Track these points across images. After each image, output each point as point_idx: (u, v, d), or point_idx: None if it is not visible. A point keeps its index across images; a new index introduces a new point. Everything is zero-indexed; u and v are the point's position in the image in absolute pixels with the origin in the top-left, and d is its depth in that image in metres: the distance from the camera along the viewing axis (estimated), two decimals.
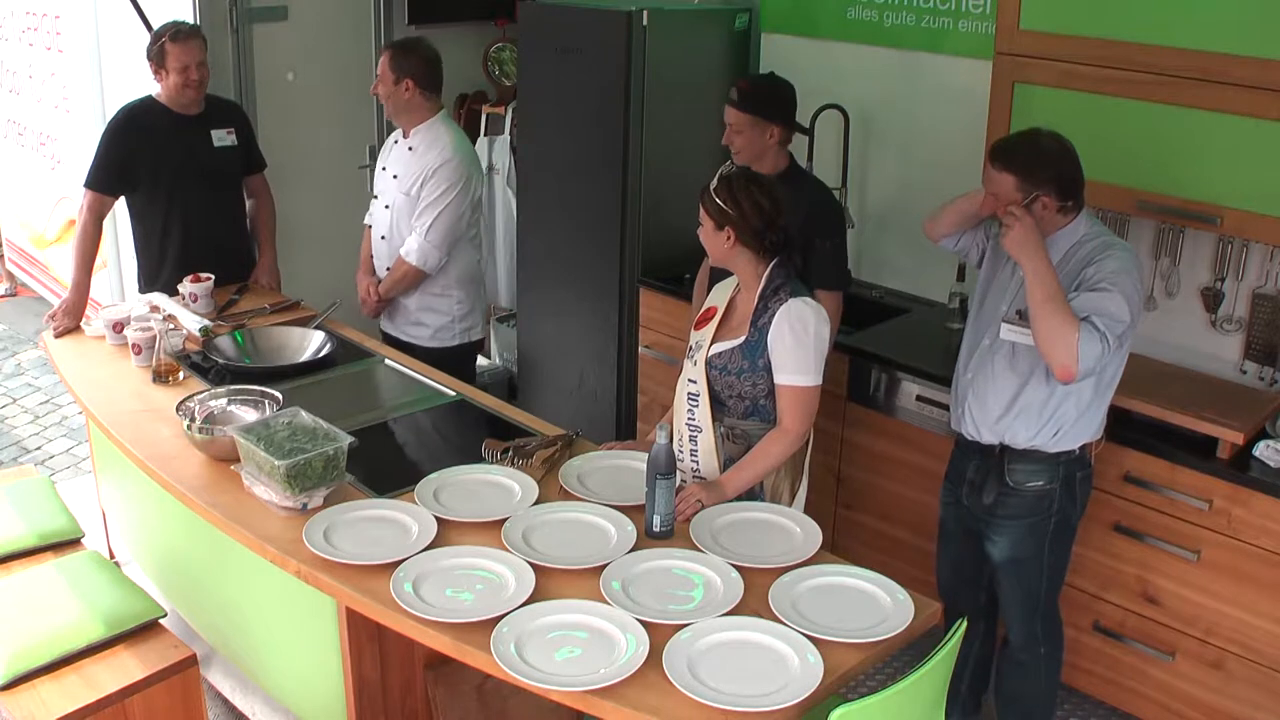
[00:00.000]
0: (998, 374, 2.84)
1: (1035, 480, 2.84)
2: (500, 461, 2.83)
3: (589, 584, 2.34)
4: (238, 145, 4.00)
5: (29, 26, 5.72)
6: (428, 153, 3.79)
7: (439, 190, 3.76)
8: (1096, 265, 2.66)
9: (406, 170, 3.83)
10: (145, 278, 4.07)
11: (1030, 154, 2.69)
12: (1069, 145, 2.72)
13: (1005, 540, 2.90)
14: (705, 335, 2.86)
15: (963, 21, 3.75)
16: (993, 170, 2.73)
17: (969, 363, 2.94)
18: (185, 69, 3.80)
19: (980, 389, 2.88)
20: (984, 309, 2.93)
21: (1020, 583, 2.94)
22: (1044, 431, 2.80)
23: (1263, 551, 2.89)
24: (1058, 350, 2.57)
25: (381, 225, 3.95)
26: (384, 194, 3.94)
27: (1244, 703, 3.02)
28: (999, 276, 2.90)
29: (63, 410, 5.34)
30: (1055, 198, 2.69)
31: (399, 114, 3.84)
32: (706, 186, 2.76)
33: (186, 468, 2.83)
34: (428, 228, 3.78)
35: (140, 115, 3.90)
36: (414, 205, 3.81)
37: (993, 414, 2.85)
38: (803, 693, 2.04)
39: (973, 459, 2.94)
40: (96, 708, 2.67)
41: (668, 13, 4.13)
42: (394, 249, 3.90)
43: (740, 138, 3.30)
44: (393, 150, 3.95)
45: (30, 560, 3.17)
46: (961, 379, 2.96)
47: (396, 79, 3.75)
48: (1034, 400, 2.78)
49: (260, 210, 4.23)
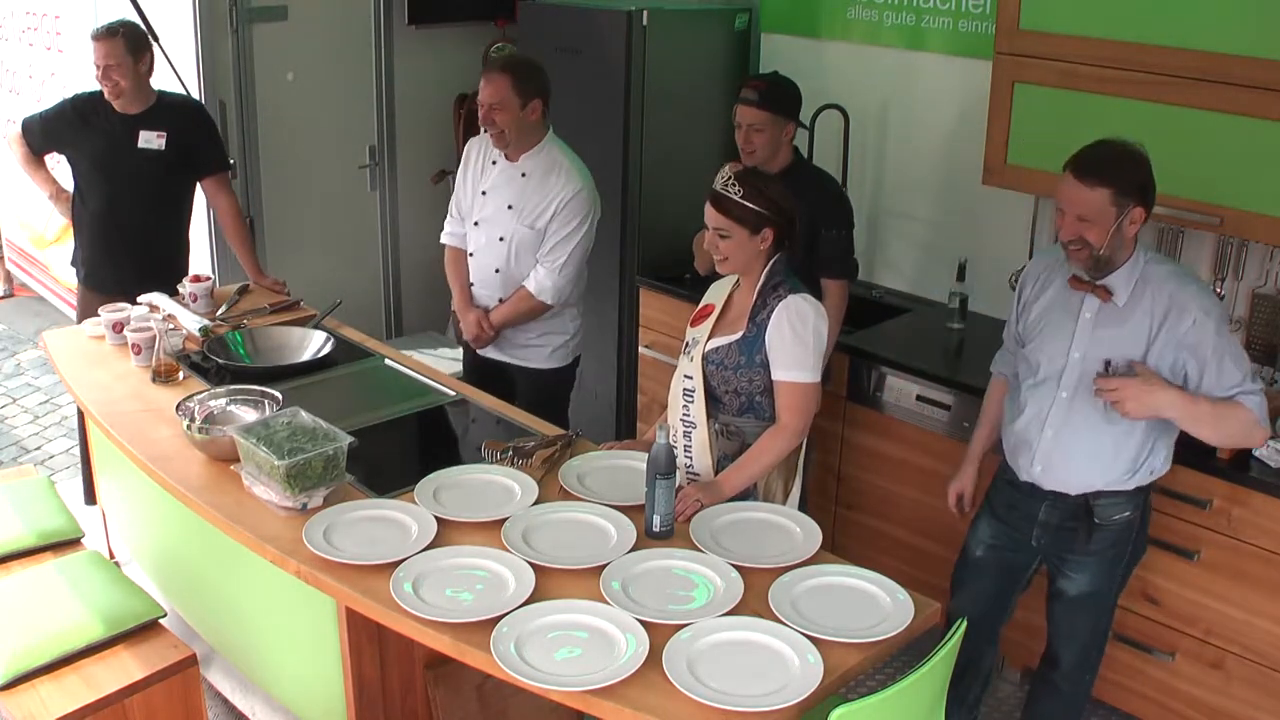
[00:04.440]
0: (1088, 427, 2.62)
1: (1122, 512, 2.68)
2: (500, 461, 2.83)
3: (589, 584, 2.34)
4: (164, 150, 3.88)
5: (29, 26, 5.72)
6: (547, 180, 3.49)
7: (572, 224, 3.49)
8: (1182, 314, 2.50)
9: (525, 200, 3.51)
10: (75, 257, 4.12)
11: (1120, 163, 2.48)
12: (1146, 154, 2.52)
13: (1084, 576, 2.75)
14: (702, 331, 2.86)
15: (963, 21, 3.75)
16: (1080, 188, 2.47)
17: (1043, 417, 2.68)
18: (98, 68, 3.79)
19: (1066, 444, 2.65)
20: (1045, 354, 2.67)
21: (1090, 616, 2.81)
22: (1140, 473, 2.65)
23: (1263, 551, 2.89)
24: (1250, 437, 2.55)
25: (494, 257, 3.59)
26: (493, 224, 3.57)
27: (1244, 703, 3.02)
28: (1051, 316, 2.68)
29: (63, 410, 5.33)
30: (1144, 211, 2.49)
31: (520, 139, 3.48)
32: (727, 197, 2.68)
33: (186, 468, 2.83)
34: (562, 263, 3.51)
35: (85, 102, 3.94)
36: (539, 239, 3.51)
37: (1083, 467, 2.65)
38: (803, 693, 2.04)
39: (1043, 500, 2.74)
40: (96, 708, 2.67)
41: (668, 13, 4.13)
42: (511, 281, 3.58)
43: (761, 136, 3.31)
44: (491, 171, 3.59)
45: (30, 560, 3.16)
46: (1036, 435, 2.69)
47: (524, 101, 3.40)
48: (1129, 446, 2.62)
49: (221, 215, 4.15)
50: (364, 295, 5.45)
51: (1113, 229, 2.47)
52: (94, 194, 3.93)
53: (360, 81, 5.22)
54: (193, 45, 4.68)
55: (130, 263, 3.92)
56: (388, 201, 5.42)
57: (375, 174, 5.38)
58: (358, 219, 5.43)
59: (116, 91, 3.81)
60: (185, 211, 4.09)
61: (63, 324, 5.29)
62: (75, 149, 3.95)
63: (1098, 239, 2.49)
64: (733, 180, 2.69)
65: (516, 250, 3.56)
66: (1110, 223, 2.47)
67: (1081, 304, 2.62)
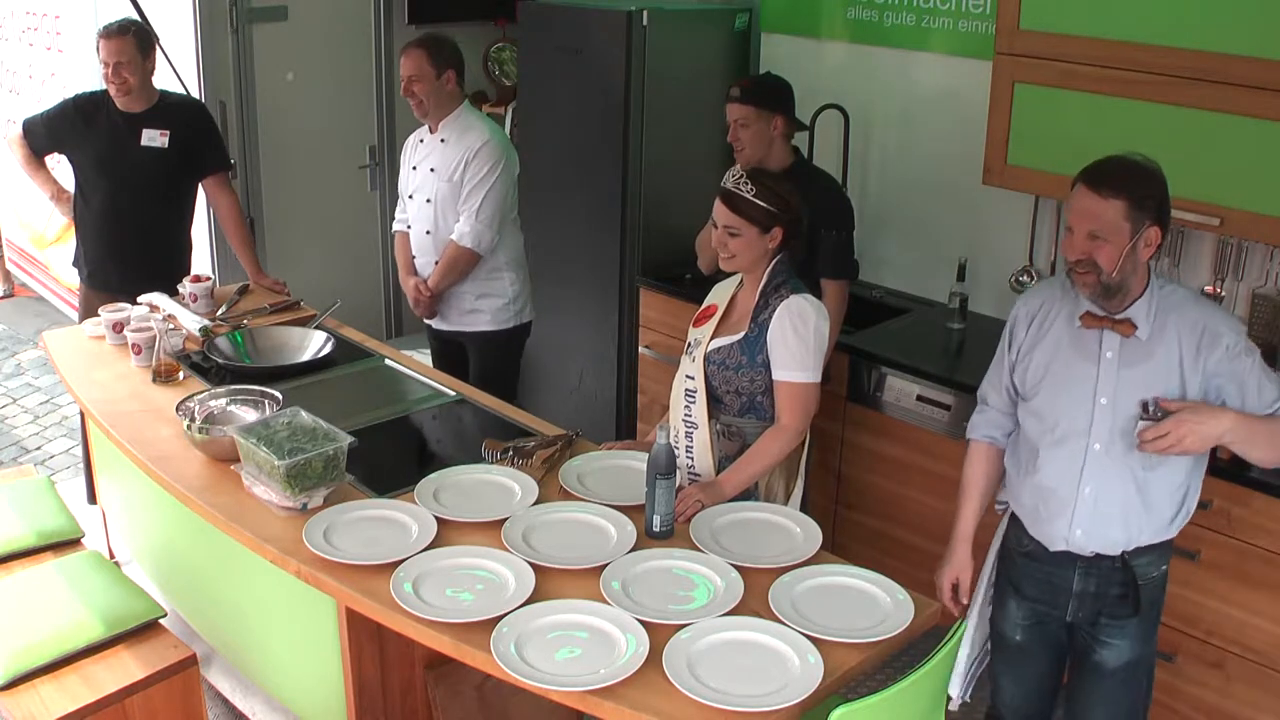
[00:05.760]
0: (1130, 478, 2.37)
1: (1160, 566, 2.47)
2: (500, 461, 2.83)
3: (589, 584, 2.34)
4: (167, 149, 3.89)
5: (29, 26, 5.73)
6: (463, 138, 3.75)
7: (483, 170, 3.72)
8: (1216, 341, 2.30)
9: (444, 161, 3.78)
10: (77, 257, 4.12)
11: (1137, 174, 2.26)
12: (1163, 172, 2.32)
13: (1126, 642, 2.47)
14: (705, 331, 2.86)
15: (963, 21, 3.75)
16: (1094, 199, 2.25)
17: (1075, 476, 2.40)
18: (107, 66, 3.80)
19: (1108, 501, 2.38)
20: (1062, 405, 2.40)
21: (1134, 687, 2.54)
22: (1180, 517, 2.43)
23: (1263, 552, 2.89)
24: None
25: (424, 220, 3.85)
26: (421, 190, 3.85)
27: (1244, 703, 3.02)
28: (1061, 361, 2.41)
29: (63, 410, 5.33)
30: (1160, 231, 2.28)
31: (438, 108, 3.76)
32: (738, 195, 2.70)
33: (186, 468, 2.83)
34: (477, 208, 3.72)
35: (87, 101, 3.94)
36: (458, 191, 3.75)
37: (1129, 522, 2.39)
38: (803, 693, 2.04)
39: (1074, 567, 2.46)
40: (96, 708, 2.67)
41: (668, 13, 4.13)
42: (441, 241, 3.82)
43: (747, 131, 3.33)
44: (420, 148, 3.89)
45: (30, 560, 3.16)
46: (1070, 497, 2.41)
47: (438, 72, 3.70)
48: (1173, 490, 2.40)
49: (221, 215, 4.16)
50: (364, 295, 5.46)
51: (1126, 249, 2.24)
52: (97, 193, 3.93)
53: (360, 81, 5.22)
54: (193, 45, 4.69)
55: (133, 261, 3.93)
56: (388, 201, 5.43)
57: (375, 174, 5.38)
58: (358, 219, 5.44)
59: (125, 89, 3.81)
60: (188, 210, 4.09)
61: (63, 324, 5.29)
62: (78, 149, 3.95)
63: (1109, 260, 2.25)
64: (745, 178, 2.72)
65: (441, 208, 3.80)
66: (1124, 241, 2.24)
67: (1100, 344, 2.35)
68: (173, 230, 4.07)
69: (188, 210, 4.09)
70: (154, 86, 3.93)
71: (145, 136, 3.87)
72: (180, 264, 4.07)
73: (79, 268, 4.10)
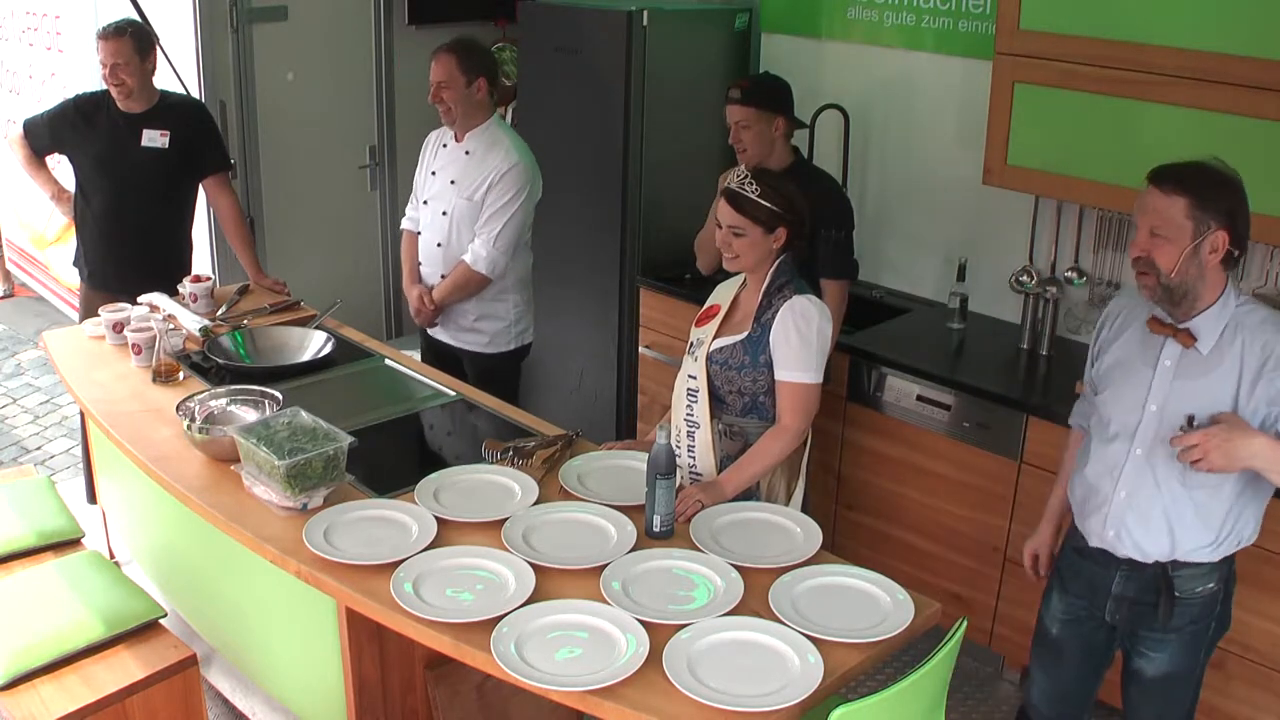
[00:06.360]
0: (1166, 490, 2.34)
1: (1205, 585, 2.41)
2: (500, 461, 2.83)
3: (589, 584, 2.34)
4: (167, 149, 3.88)
5: (29, 26, 5.73)
6: (488, 156, 3.63)
7: (507, 196, 3.60)
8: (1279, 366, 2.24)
9: (466, 175, 3.66)
10: (78, 257, 4.12)
11: (1206, 177, 2.21)
12: (1242, 182, 2.26)
13: (1164, 655, 2.46)
14: (708, 331, 2.86)
15: (963, 21, 3.75)
16: (1157, 195, 2.22)
17: (1115, 476, 2.40)
18: (105, 66, 3.79)
19: (1142, 507, 2.37)
20: (1119, 405, 2.39)
21: (1170, 701, 2.53)
22: (1225, 544, 2.37)
23: (1263, 552, 2.89)
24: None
25: (437, 232, 3.73)
26: (438, 200, 3.73)
27: (1244, 703, 3.02)
28: (1127, 362, 2.40)
29: (63, 410, 5.33)
30: (1228, 238, 2.20)
31: (466, 118, 3.63)
32: (743, 195, 2.71)
33: (186, 468, 2.83)
34: (496, 235, 3.61)
35: (87, 101, 3.94)
36: (477, 212, 3.64)
37: (1160, 532, 2.37)
38: (803, 693, 2.04)
39: (1116, 569, 2.46)
40: (96, 708, 2.67)
41: (668, 13, 4.13)
42: (451, 256, 3.71)
43: (748, 132, 3.33)
44: (442, 153, 3.77)
45: (30, 560, 3.16)
46: (1108, 495, 2.41)
47: (469, 79, 3.57)
48: (1214, 513, 2.34)
49: (222, 215, 4.15)
50: (364, 295, 5.46)
51: (1187, 250, 2.18)
52: (97, 193, 3.93)
53: (360, 81, 5.22)
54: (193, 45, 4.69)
55: (134, 261, 3.93)
56: (388, 201, 5.43)
57: (375, 174, 5.38)
58: (358, 219, 5.44)
59: (124, 91, 3.82)
60: (188, 210, 4.09)
61: (63, 324, 5.29)
62: (79, 149, 3.95)
63: (1167, 261, 2.20)
64: (750, 179, 2.72)
65: (457, 224, 3.69)
66: (1185, 242, 2.18)
67: (1161, 350, 2.32)
68: (173, 230, 4.07)
69: (188, 210, 4.09)
70: (154, 87, 3.93)
71: (145, 137, 3.87)
72: (180, 264, 4.07)
73: (79, 268, 4.10)
